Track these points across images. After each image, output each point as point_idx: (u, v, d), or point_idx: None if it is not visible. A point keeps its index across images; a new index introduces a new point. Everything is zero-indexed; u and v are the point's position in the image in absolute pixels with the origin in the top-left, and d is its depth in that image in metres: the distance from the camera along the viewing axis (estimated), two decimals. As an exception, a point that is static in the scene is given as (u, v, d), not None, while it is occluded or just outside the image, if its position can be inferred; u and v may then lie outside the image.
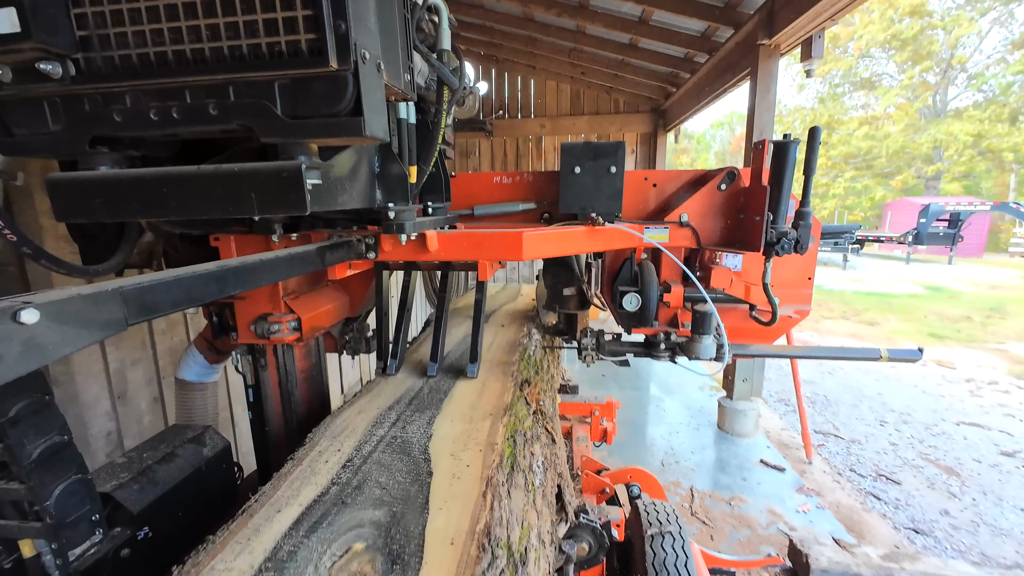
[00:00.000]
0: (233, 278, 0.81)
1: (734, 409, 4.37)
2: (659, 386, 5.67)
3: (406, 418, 1.20)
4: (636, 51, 5.82)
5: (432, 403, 1.29)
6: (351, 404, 1.30)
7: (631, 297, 1.65)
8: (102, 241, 1.24)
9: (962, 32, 23.63)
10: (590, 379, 5.65)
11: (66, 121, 0.84)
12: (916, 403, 5.62)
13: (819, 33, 3.48)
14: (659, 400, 5.29)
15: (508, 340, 1.94)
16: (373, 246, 1.33)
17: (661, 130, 7.39)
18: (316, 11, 0.72)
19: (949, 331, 8.79)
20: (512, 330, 2.10)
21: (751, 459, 4.03)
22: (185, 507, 1.07)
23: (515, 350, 1.77)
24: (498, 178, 1.85)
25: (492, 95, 7.74)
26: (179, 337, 2.60)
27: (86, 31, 0.77)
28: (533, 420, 1.30)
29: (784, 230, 1.45)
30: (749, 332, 1.80)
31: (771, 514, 3.33)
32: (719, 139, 40.59)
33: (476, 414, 1.22)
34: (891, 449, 4.57)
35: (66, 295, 0.56)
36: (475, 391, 1.37)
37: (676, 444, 4.30)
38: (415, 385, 1.42)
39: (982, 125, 22.30)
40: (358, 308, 1.73)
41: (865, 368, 6.68)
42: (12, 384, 0.61)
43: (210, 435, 1.25)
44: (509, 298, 2.89)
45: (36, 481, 0.73)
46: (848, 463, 4.31)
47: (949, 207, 15.47)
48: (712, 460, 4.05)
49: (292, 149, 0.86)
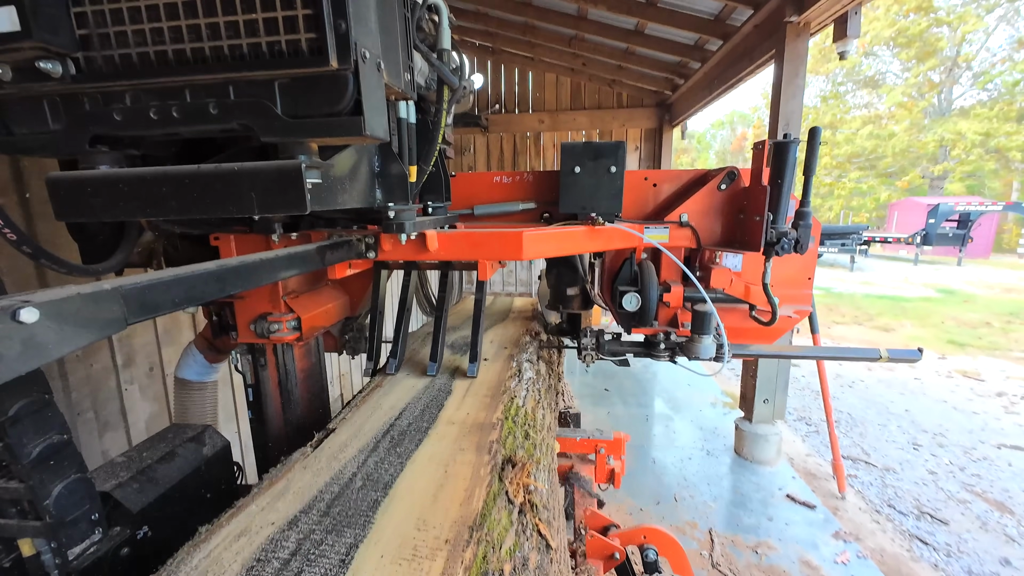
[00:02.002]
0: (233, 277, 0.81)
1: (754, 434, 3.91)
2: (667, 402, 5.19)
3: (310, 551, 0.72)
4: (642, 38, 5.38)
5: (361, 511, 0.82)
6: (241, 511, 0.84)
7: (631, 297, 1.65)
8: (102, 240, 1.24)
9: (968, 29, 23.35)
10: (592, 394, 5.28)
11: (66, 120, 0.84)
12: (949, 422, 5.13)
13: (855, 9, 3.10)
14: (668, 419, 4.78)
15: (490, 382, 1.41)
16: (373, 245, 1.33)
17: (667, 125, 6.96)
18: (316, 10, 0.72)
19: (969, 338, 8.30)
20: (497, 365, 1.56)
21: (775, 492, 3.56)
22: (185, 506, 1.07)
23: (498, 400, 1.27)
24: (498, 178, 1.86)
25: (488, 88, 7.32)
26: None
27: (86, 30, 0.76)
28: (518, 530, 0.83)
29: (784, 230, 1.46)
30: (749, 332, 1.80)
31: (806, 566, 2.88)
32: (720, 138, 40.58)
33: (424, 539, 0.74)
34: (930, 479, 4.04)
35: (66, 294, 0.56)
36: (434, 481, 0.91)
37: (690, 473, 3.85)
38: (350, 467, 0.97)
39: (991, 124, 22.05)
40: (358, 308, 1.73)
41: (888, 380, 6.25)
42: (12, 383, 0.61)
43: (210, 434, 1.25)
44: (497, 317, 2.35)
45: (35, 480, 0.73)
46: (885, 497, 3.77)
47: (959, 207, 15.25)
48: (731, 493, 3.58)
49: (292, 148, 0.86)
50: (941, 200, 16.91)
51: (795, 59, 3.41)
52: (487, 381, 1.42)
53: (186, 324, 2.67)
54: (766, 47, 3.73)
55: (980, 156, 22.70)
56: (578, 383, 5.50)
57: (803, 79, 3.42)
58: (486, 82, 7.30)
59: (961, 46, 24.36)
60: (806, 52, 3.42)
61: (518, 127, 7.36)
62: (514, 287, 8.03)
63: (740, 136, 38.60)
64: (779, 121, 3.44)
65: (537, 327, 2.05)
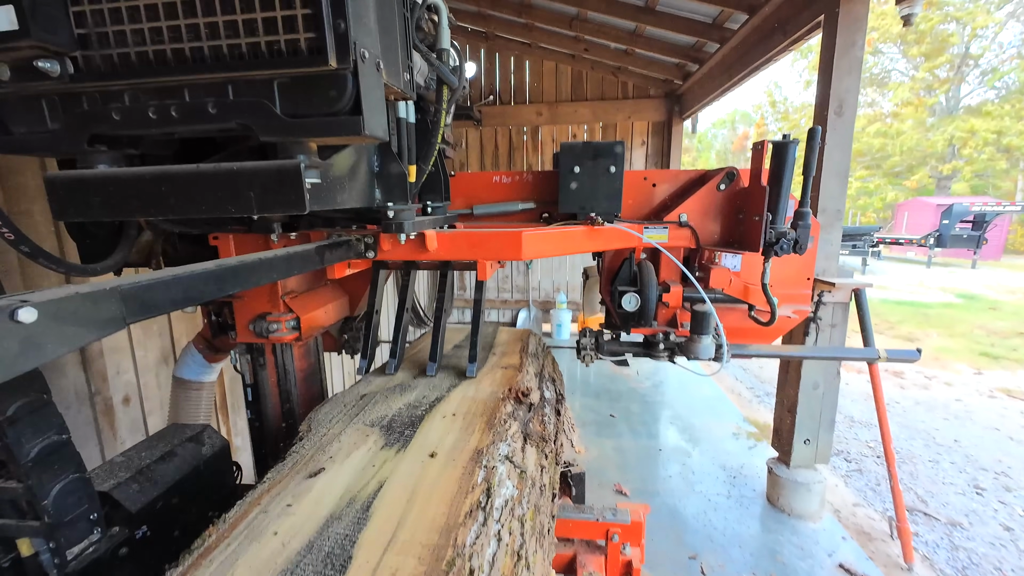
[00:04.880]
0: (232, 277, 0.81)
1: (792, 481, 3.13)
2: (682, 431, 4.34)
3: None
4: (653, 16, 4.65)
5: None
6: None
7: (630, 297, 1.65)
8: (101, 240, 1.24)
9: (980, 24, 22.83)
10: (596, 421, 4.49)
11: (64, 119, 0.84)
12: (1008, 455, 4.36)
13: (925, -41, 2.47)
14: (684, 455, 3.93)
15: (432, 520, 0.77)
16: (372, 245, 1.33)
17: (676, 118, 6.28)
18: (315, 10, 0.72)
19: (1004, 350, 7.46)
20: (451, 474, 0.90)
21: (825, 561, 2.78)
22: (184, 506, 1.07)
23: (466, 493, 0.83)
24: (497, 177, 1.86)
25: (481, 78, 6.56)
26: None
27: (85, 29, 0.76)
28: None
29: (783, 230, 1.46)
30: (748, 332, 1.80)
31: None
32: (721, 138, 40.53)
33: None
34: (1007, 537, 3.26)
35: (64, 294, 0.55)
36: None
37: (716, 529, 3.06)
38: None
39: (1002, 122, 21.64)
40: (357, 307, 1.73)
41: (926, 402, 5.57)
42: (10, 383, 0.61)
43: (209, 434, 1.25)
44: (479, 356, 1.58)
45: (34, 480, 0.73)
46: (958, 564, 2.99)
47: (975, 208, 14.78)
48: (770, 561, 2.77)
49: (291, 148, 0.86)
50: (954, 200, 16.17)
51: (851, 24, 2.68)
52: (425, 521, 0.76)
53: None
54: (808, 15, 3.11)
55: (991, 155, 22.23)
56: (579, 406, 4.78)
57: (861, 49, 2.71)
58: (479, 71, 6.60)
59: (971, 42, 23.85)
60: (866, 14, 2.68)
61: (514, 120, 6.64)
62: (510, 294, 7.43)
63: (742, 136, 38.50)
64: (830, 103, 2.67)
65: (528, 383, 1.33)
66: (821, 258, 2.70)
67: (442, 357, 1.52)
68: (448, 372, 1.44)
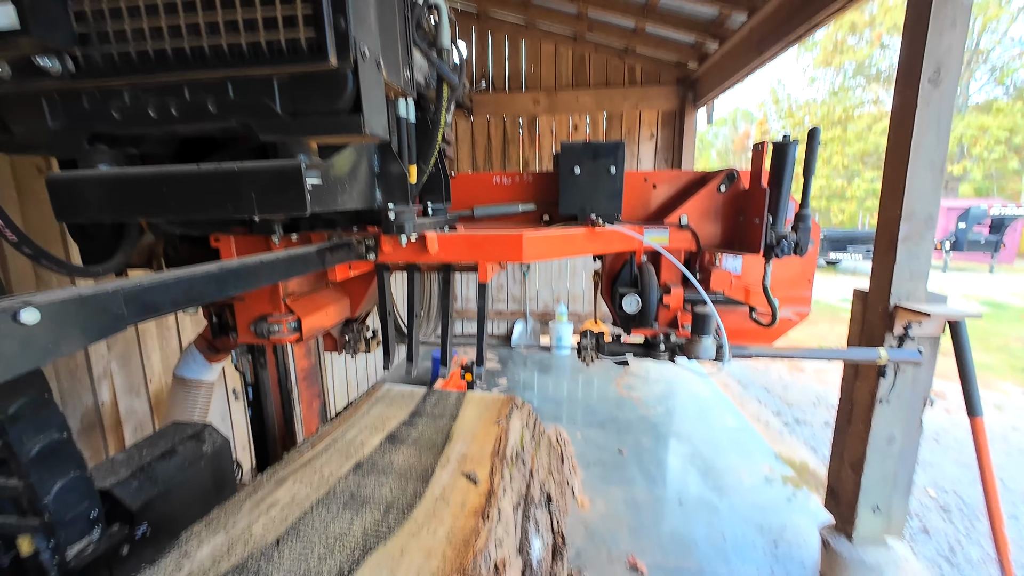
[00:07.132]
0: (233, 279, 0.81)
1: (857, 560, 2.27)
2: (704, 474, 3.43)
3: None
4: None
5: None
6: None
7: (631, 299, 1.65)
8: (102, 241, 1.24)
9: (991, 17, 22.04)
10: (602, 460, 3.63)
11: (65, 118, 0.84)
12: None
13: None
14: (710, 508, 3.05)
15: None
16: (373, 247, 1.33)
17: (690, 106, 5.46)
18: (316, 8, 0.72)
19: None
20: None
21: None
22: (184, 504, 1.07)
23: None
24: (497, 179, 1.86)
25: (473, 62, 5.72)
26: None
27: (85, 27, 0.76)
28: None
29: (784, 232, 1.46)
30: (749, 333, 1.80)
31: None
32: (722, 136, 40.27)
33: None
34: None
35: (66, 295, 0.55)
36: None
37: None
38: None
39: (1015, 119, 20.87)
40: (358, 309, 1.73)
41: None
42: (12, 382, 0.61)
43: (209, 432, 1.25)
44: (407, 475, 0.97)
45: (35, 478, 0.73)
46: None
47: (993, 211, 14.22)
48: None
49: (292, 147, 0.86)
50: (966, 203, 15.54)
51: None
52: None
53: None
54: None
55: (1003, 154, 21.35)
56: (582, 438, 3.97)
57: (970, 0, 1.91)
58: (470, 54, 5.77)
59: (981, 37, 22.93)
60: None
61: (509, 109, 5.80)
62: (505, 304, 6.46)
63: (743, 134, 38.23)
64: (923, 68, 1.83)
65: (499, 542, 0.79)
66: (906, 279, 2.01)
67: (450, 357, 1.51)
68: None
